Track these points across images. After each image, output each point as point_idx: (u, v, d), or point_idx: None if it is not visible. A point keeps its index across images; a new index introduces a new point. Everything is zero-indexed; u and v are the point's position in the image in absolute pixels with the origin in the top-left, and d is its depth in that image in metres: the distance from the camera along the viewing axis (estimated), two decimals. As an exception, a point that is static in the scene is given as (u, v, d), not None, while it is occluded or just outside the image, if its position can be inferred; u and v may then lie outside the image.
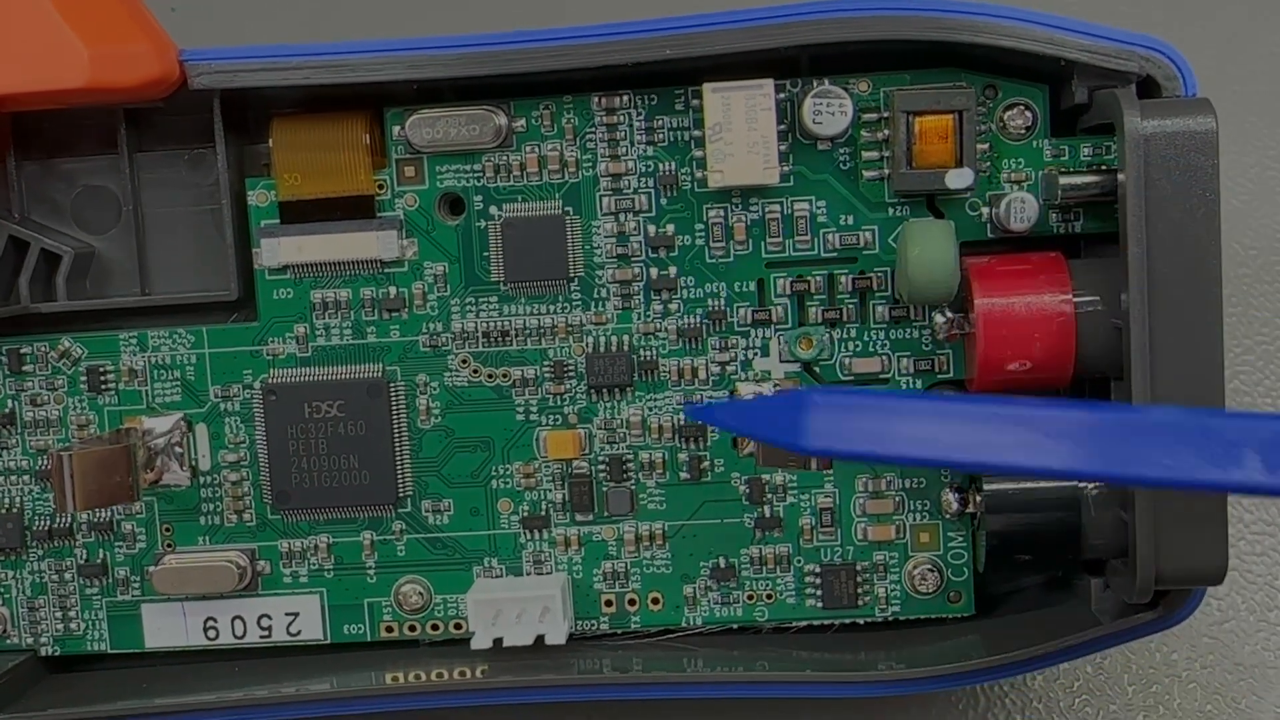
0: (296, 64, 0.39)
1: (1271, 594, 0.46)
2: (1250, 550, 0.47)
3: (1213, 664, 0.45)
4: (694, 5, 0.40)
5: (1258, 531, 0.47)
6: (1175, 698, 0.45)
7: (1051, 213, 0.39)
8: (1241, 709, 0.45)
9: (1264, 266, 0.49)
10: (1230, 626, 0.46)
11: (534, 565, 0.42)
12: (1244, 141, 0.49)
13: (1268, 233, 0.49)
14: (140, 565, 0.42)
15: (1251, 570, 0.46)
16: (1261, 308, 0.49)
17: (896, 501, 0.41)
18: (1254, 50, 0.50)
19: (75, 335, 0.42)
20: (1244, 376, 0.48)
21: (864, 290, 0.40)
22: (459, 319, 0.41)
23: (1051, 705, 0.45)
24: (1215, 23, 0.51)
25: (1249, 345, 0.48)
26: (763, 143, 0.39)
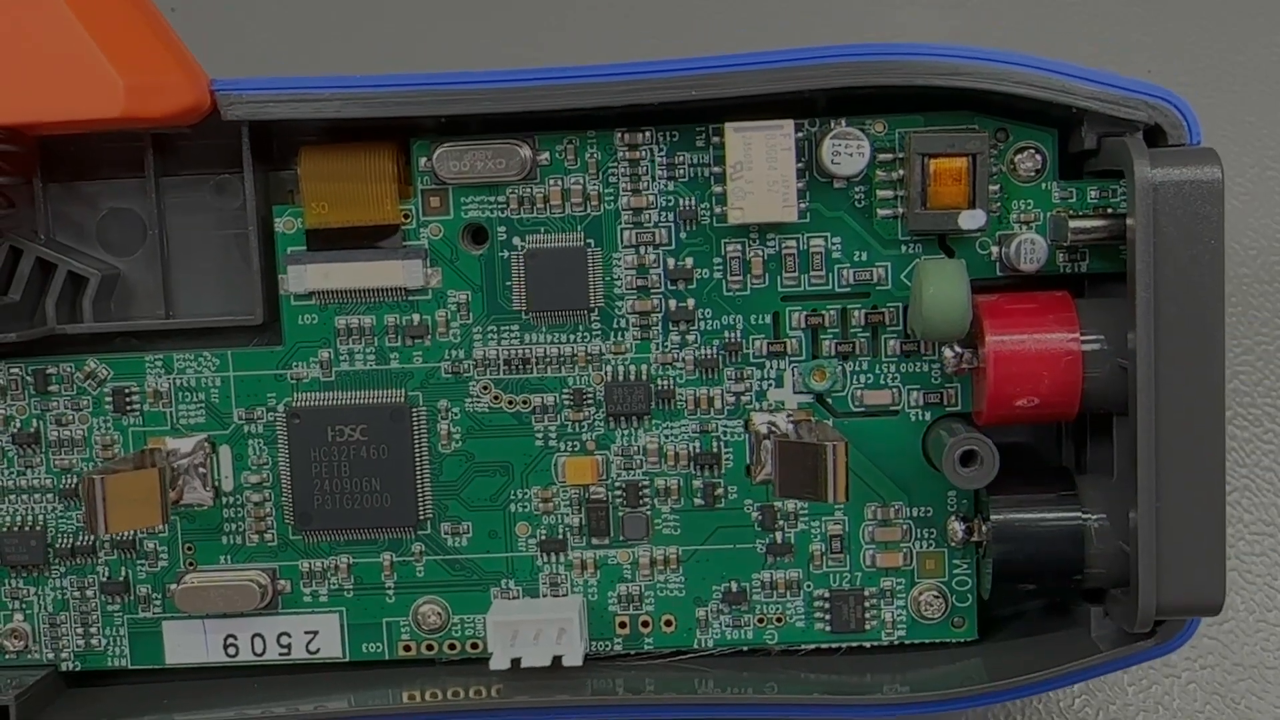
0: (328, 96, 0.40)
1: (1271, 594, 0.47)
2: (1250, 550, 0.47)
3: (1212, 664, 0.46)
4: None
5: (1257, 532, 0.48)
6: (1175, 698, 0.46)
7: (1059, 253, 0.41)
8: (1241, 709, 0.46)
9: (1264, 266, 0.49)
10: (1230, 626, 0.46)
11: (550, 587, 0.43)
12: (1244, 142, 0.50)
13: (1268, 233, 0.49)
14: (162, 583, 0.43)
15: (1251, 570, 0.47)
16: (1261, 308, 0.49)
17: (904, 529, 0.42)
18: (1254, 50, 0.51)
19: (101, 356, 0.42)
20: (1244, 376, 0.48)
21: (876, 324, 0.42)
22: (481, 346, 0.42)
23: (1051, 705, 0.46)
24: (1215, 23, 0.51)
25: (1249, 345, 0.49)
26: (782, 182, 0.40)
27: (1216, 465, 0.38)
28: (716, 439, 0.42)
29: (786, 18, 0.60)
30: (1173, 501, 0.38)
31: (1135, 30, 0.55)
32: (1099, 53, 0.58)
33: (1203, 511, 0.38)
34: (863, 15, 0.60)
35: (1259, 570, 0.47)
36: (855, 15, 0.60)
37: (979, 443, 0.39)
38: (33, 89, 0.38)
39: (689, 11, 0.61)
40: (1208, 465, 0.38)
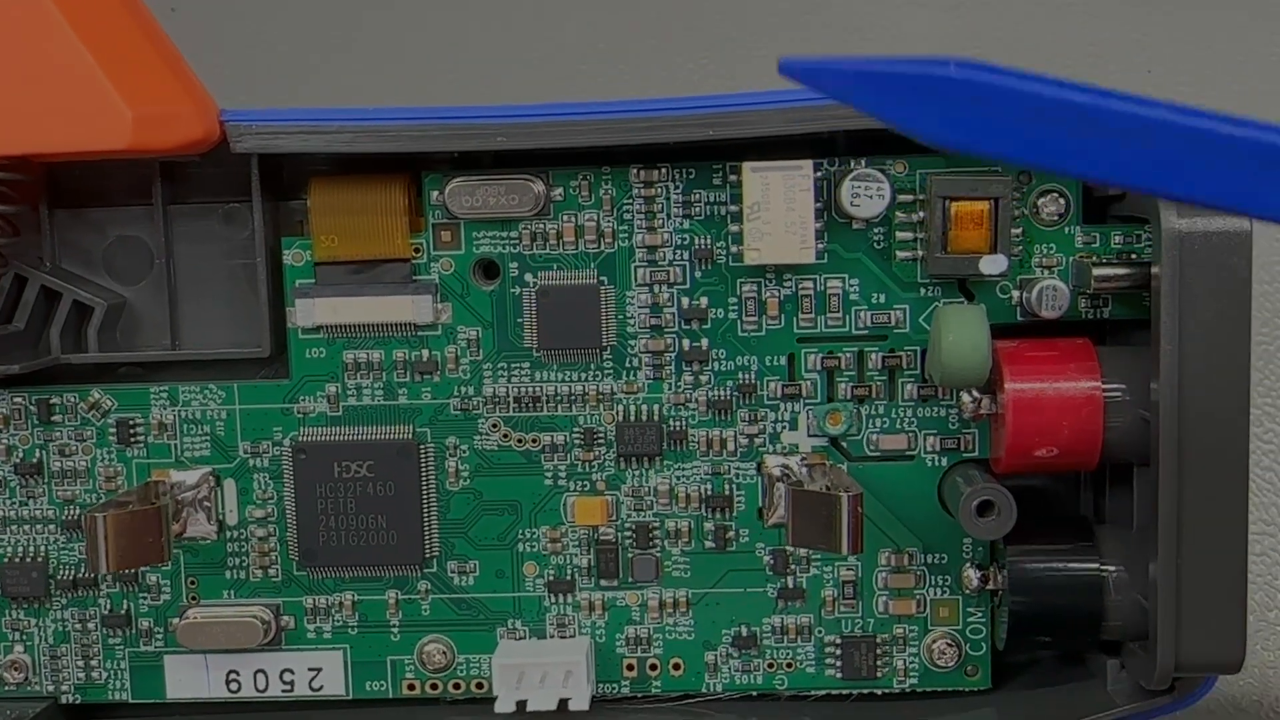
0: (339, 129, 0.39)
1: (1271, 594, 0.46)
2: (1250, 550, 0.47)
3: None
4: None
5: (1258, 532, 0.47)
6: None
7: (1081, 298, 0.40)
8: (1242, 708, 0.45)
9: (1264, 266, 0.49)
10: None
11: (558, 628, 0.42)
12: None
13: (1268, 233, 0.49)
14: (164, 617, 0.42)
15: (1251, 570, 0.46)
16: (1261, 308, 0.48)
17: (918, 576, 0.42)
18: (1254, 51, 0.50)
19: (105, 387, 0.42)
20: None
21: (893, 368, 0.41)
22: (491, 383, 0.41)
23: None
24: (1215, 23, 0.51)
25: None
26: (800, 223, 0.39)
27: (1239, 520, 0.37)
28: (729, 481, 0.41)
29: (786, 18, 0.60)
30: (1193, 556, 0.37)
31: (1135, 30, 0.55)
32: (1099, 53, 0.57)
33: (1224, 567, 0.37)
34: (863, 15, 0.60)
35: (1259, 570, 0.47)
36: (855, 16, 0.60)
37: (996, 493, 0.38)
38: (39, 119, 0.37)
39: (688, 11, 0.60)
40: (1230, 520, 0.37)
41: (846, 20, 0.60)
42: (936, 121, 0.26)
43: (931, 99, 0.26)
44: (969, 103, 0.25)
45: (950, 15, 0.59)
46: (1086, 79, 0.38)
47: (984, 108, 0.25)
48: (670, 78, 0.60)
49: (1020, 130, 0.25)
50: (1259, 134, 0.26)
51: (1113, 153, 0.26)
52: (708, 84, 0.60)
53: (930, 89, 0.26)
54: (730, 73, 0.60)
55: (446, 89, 0.60)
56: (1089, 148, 0.26)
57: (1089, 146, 0.26)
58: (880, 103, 0.26)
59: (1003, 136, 0.25)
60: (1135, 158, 0.26)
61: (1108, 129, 0.26)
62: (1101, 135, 0.26)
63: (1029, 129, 0.25)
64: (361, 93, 0.61)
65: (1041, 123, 0.25)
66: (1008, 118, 0.25)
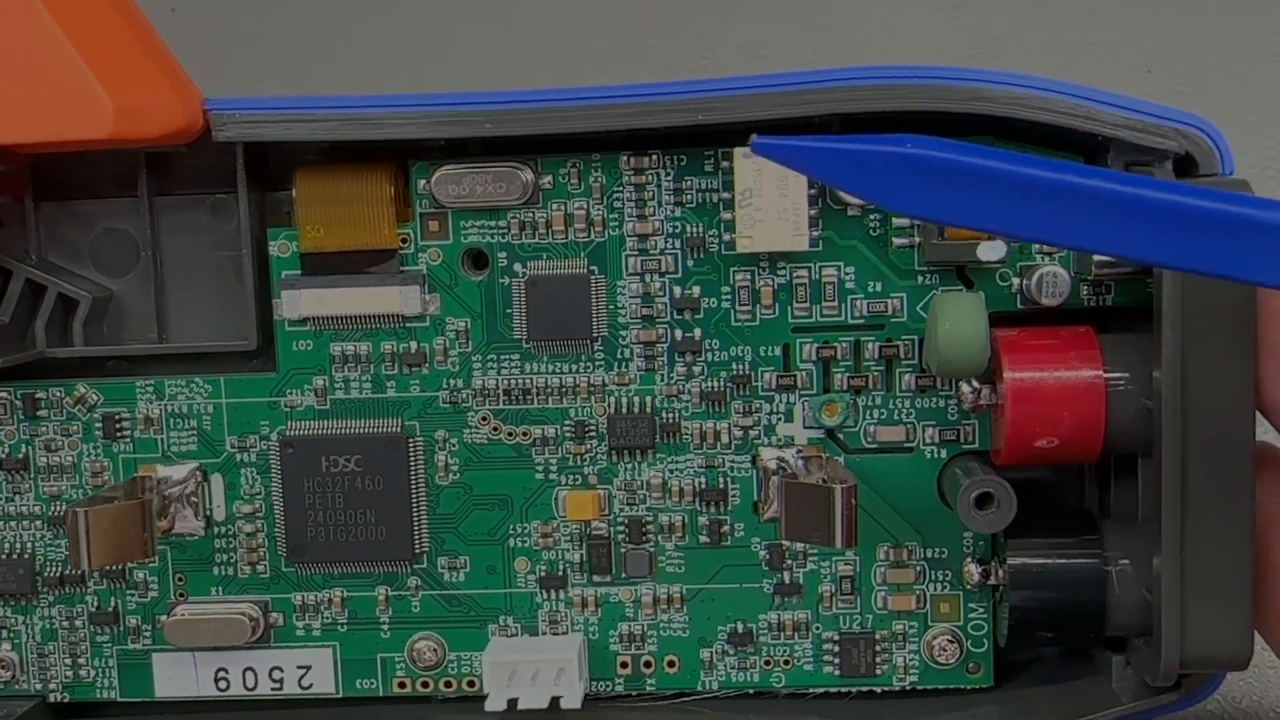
0: (322, 117, 0.39)
1: None
2: None
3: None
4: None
5: None
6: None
7: (1083, 285, 0.39)
8: (1242, 709, 0.44)
9: None
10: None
11: (550, 625, 0.41)
12: (1244, 141, 0.49)
13: None
14: (152, 614, 0.42)
15: None
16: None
17: (917, 571, 0.41)
18: (1254, 52, 0.50)
19: (91, 381, 0.41)
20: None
21: (890, 358, 0.40)
22: (480, 376, 0.41)
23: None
24: (1215, 23, 0.50)
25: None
26: (793, 209, 0.38)
27: (1245, 512, 0.36)
28: (723, 474, 0.41)
29: (787, 18, 0.59)
30: (1198, 549, 0.36)
31: (1135, 30, 0.55)
32: (1099, 53, 0.56)
33: (1230, 560, 0.36)
34: (863, 15, 0.59)
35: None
36: (855, 15, 0.59)
37: (995, 485, 0.37)
38: (18, 109, 0.37)
39: (688, 11, 0.60)
40: (1236, 511, 0.36)
41: (847, 20, 0.60)
42: (899, 194, 0.29)
43: (893, 175, 0.29)
44: (926, 177, 0.29)
45: (950, 15, 0.59)
46: (1086, 79, 0.38)
47: (939, 181, 0.29)
48: (669, 77, 0.60)
49: (971, 200, 0.29)
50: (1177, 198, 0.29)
51: (1057, 218, 0.29)
52: None
53: (891, 166, 0.29)
54: (731, 71, 0.59)
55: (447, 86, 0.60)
56: (1030, 213, 0.29)
57: (1030, 211, 0.29)
58: (847, 179, 0.30)
59: (957, 206, 0.29)
60: (1078, 223, 0.29)
61: (1046, 196, 0.29)
62: (1043, 201, 0.29)
63: (978, 199, 0.29)
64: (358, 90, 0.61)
65: (988, 193, 0.29)
66: (960, 190, 0.29)
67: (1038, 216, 0.29)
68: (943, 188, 0.29)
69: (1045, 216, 0.29)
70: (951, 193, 0.29)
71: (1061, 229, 0.29)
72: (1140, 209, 0.29)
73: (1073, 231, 0.29)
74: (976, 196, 0.29)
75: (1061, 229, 0.29)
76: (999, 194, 0.29)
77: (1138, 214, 0.29)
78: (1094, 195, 0.29)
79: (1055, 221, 0.29)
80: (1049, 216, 0.29)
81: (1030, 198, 0.29)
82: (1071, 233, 0.29)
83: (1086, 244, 0.30)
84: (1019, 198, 0.29)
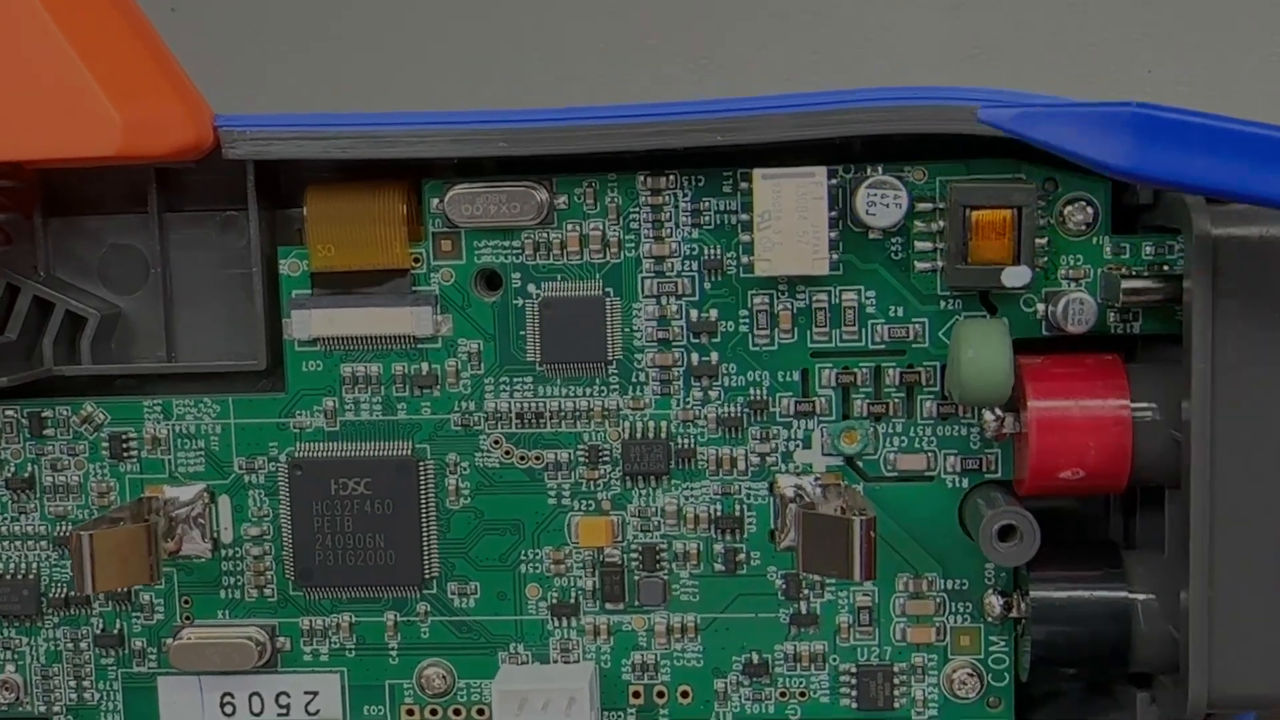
0: (334, 134, 0.38)
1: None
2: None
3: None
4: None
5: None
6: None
7: (1110, 312, 0.38)
8: None
9: None
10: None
11: (561, 653, 0.41)
12: None
13: None
14: (158, 637, 0.41)
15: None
16: None
17: (938, 602, 0.40)
18: (1254, 51, 0.49)
19: (99, 400, 0.41)
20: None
21: (911, 384, 0.39)
22: (492, 398, 0.40)
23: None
24: (1215, 23, 0.50)
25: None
26: (813, 232, 0.37)
27: (1275, 546, 0.35)
28: (739, 502, 0.40)
29: (788, 18, 0.59)
30: (1228, 585, 0.35)
31: (1135, 30, 0.54)
32: (1099, 52, 0.56)
33: (1260, 597, 0.35)
34: (863, 14, 0.59)
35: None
36: (856, 15, 0.59)
37: (1018, 517, 0.36)
38: (28, 125, 0.36)
39: (689, 10, 0.59)
40: (1267, 546, 0.35)
41: (847, 20, 0.59)
42: (1124, 152, 0.31)
43: (1119, 131, 0.31)
44: (1156, 134, 0.30)
45: (950, 15, 0.59)
46: (1086, 79, 0.37)
47: (1169, 138, 0.31)
48: (670, 77, 0.60)
49: (1199, 156, 0.31)
50: None
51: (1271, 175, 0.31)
52: (708, 82, 0.59)
53: (1117, 123, 0.31)
54: (731, 72, 0.59)
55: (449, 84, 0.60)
56: (1258, 168, 0.31)
57: (1258, 167, 0.31)
58: (1080, 140, 0.32)
59: (1185, 163, 0.31)
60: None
61: (1267, 153, 0.31)
62: (1261, 158, 0.31)
63: (1207, 156, 0.31)
64: (360, 90, 0.60)
65: (1217, 149, 0.30)
66: (1189, 147, 0.31)
67: (1267, 172, 0.30)
68: (1173, 145, 0.30)
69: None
70: (1181, 149, 0.30)
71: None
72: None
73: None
74: (1206, 153, 0.30)
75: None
76: (1230, 150, 0.30)
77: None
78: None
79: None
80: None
81: (1259, 155, 0.30)
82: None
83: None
84: (1249, 154, 0.30)
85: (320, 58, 0.62)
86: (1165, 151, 0.30)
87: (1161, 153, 0.30)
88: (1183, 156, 0.30)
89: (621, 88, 0.60)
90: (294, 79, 0.62)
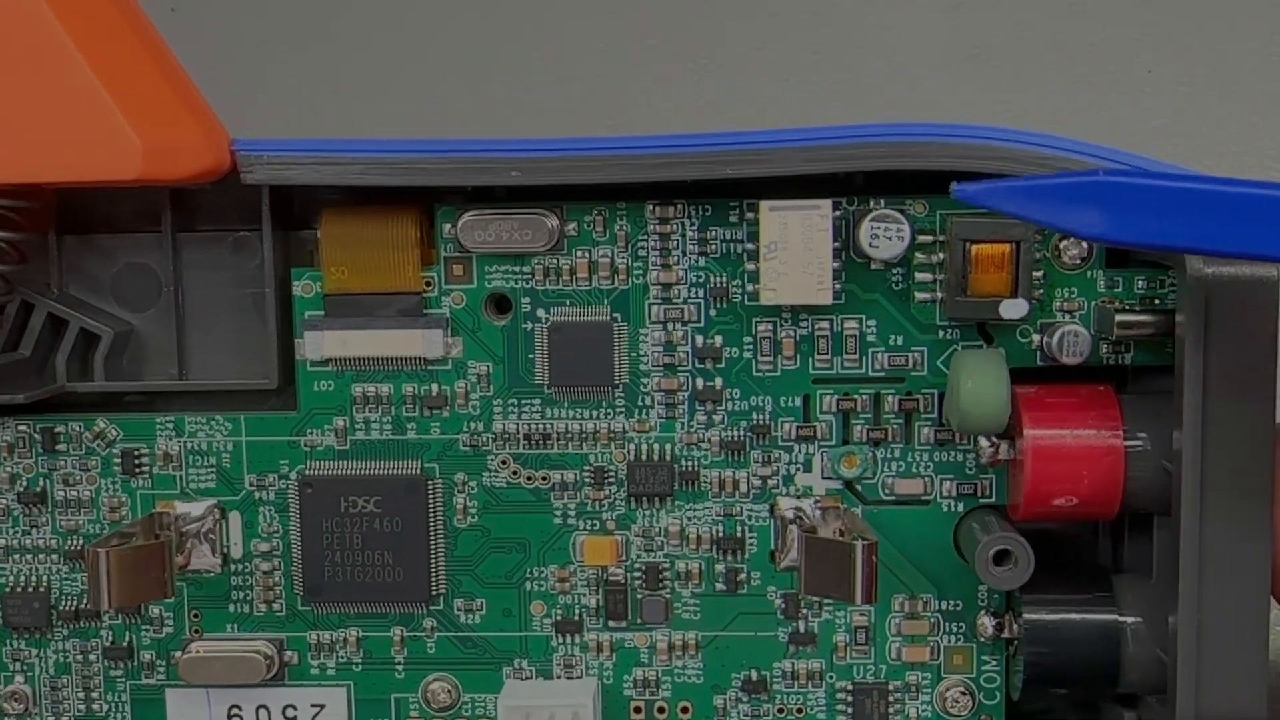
0: (350, 160, 0.39)
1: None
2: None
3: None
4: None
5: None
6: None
7: (1103, 344, 0.39)
8: None
9: None
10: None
11: (565, 669, 0.41)
12: (1244, 141, 0.49)
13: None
14: (166, 650, 0.42)
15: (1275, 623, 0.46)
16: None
17: (932, 623, 0.41)
18: (1254, 50, 0.50)
19: (111, 416, 0.41)
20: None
21: (910, 411, 0.40)
22: (501, 420, 0.41)
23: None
24: (1215, 23, 0.50)
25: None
26: (817, 263, 0.38)
27: (1261, 573, 0.37)
28: (740, 523, 0.41)
29: (787, 18, 0.59)
30: (1215, 610, 0.37)
31: (1135, 30, 0.54)
32: (1099, 52, 0.56)
33: (1246, 621, 0.37)
34: (862, 15, 0.59)
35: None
36: (856, 15, 0.59)
37: (1014, 542, 0.38)
38: (50, 148, 0.37)
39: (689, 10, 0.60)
40: (1253, 573, 0.37)
41: (847, 20, 0.59)
42: (1096, 221, 0.32)
43: (1089, 203, 0.31)
44: (1119, 202, 0.31)
45: (950, 15, 0.59)
46: (1086, 79, 0.38)
47: (1140, 205, 0.31)
48: (670, 77, 0.60)
49: (1170, 220, 0.31)
50: None
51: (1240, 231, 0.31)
52: (708, 82, 0.60)
53: (1086, 195, 0.31)
54: (731, 72, 0.59)
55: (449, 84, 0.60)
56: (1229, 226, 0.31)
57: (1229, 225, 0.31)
58: (1051, 213, 0.32)
59: (1155, 226, 0.31)
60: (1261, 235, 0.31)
61: (1234, 211, 0.31)
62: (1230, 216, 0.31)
63: (1179, 219, 0.31)
64: (360, 90, 0.60)
65: (1188, 211, 0.31)
66: (1152, 211, 0.31)
67: (1236, 229, 0.31)
68: (1143, 211, 0.31)
69: (1245, 228, 0.31)
70: (1151, 215, 0.31)
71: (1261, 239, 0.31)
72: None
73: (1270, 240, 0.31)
74: (1178, 216, 0.31)
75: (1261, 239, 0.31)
76: (1198, 211, 0.31)
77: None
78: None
79: (1256, 232, 0.31)
80: (1248, 228, 0.31)
81: (1227, 213, 0.31)
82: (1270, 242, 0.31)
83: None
84: (1219, 213, 0.31)
85: (320, 58, 0.62)
86: (1137, 218, 0.31)
87: (1134, 219, 0.31)
88: (1155, 221, 0.31)
89: (621, 88, 0.60)
90: (294, 79, 0.62)
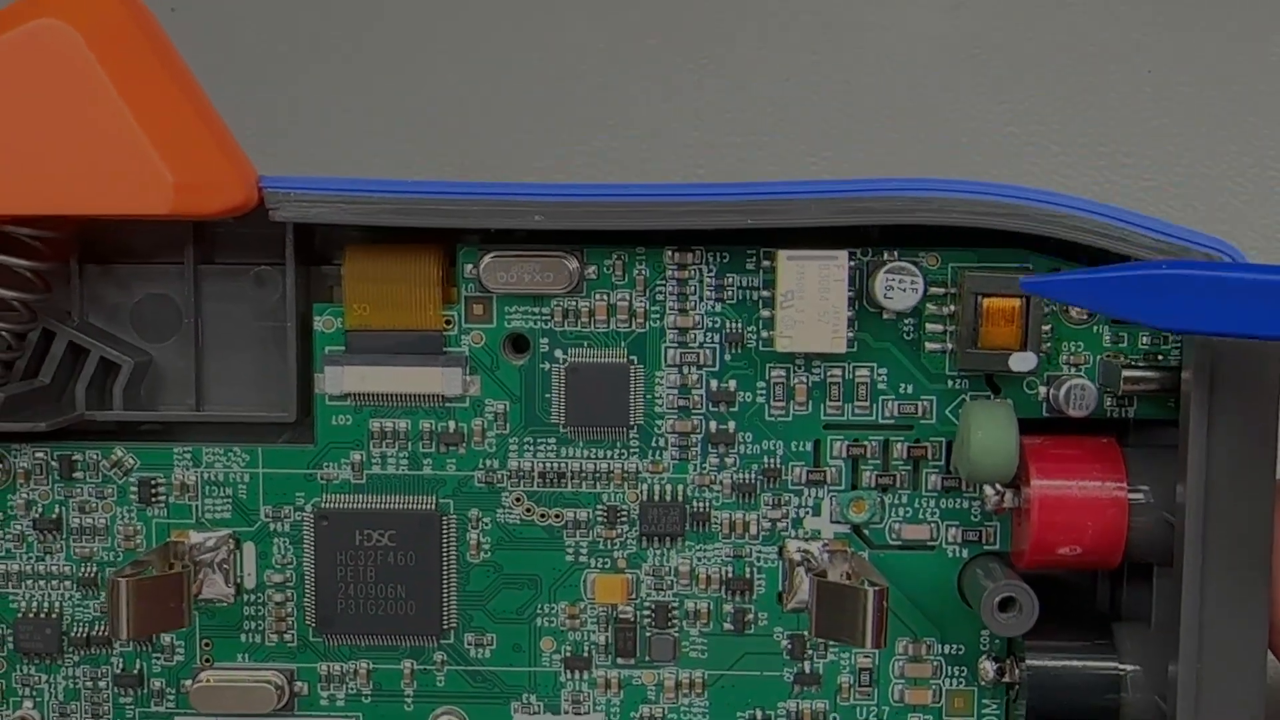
0: (376, 200, 0.39)
1: None
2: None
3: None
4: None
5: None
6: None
7: (1107, 397, 0.40)
8: None
9: None
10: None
11: (573, 705, 0.42)
12: (1244, 141, 0.50)
13: (1267, 233, 0.49)
14: (177, 678, 0.42)
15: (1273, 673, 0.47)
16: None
17: (935, 666, 0.42)
18: (1254, 50, 0.50)
19: (129, 445, 0.42)
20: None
21: (918, 458, 0.41)
22: (516, 458, 0.41)
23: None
24: (1215, 23, 0.51)
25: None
26: (833, 313, 0.39)
27: (1259, 625, 0.38)
28: (749, 564, 0.41)
29: (786, 18, 0.59)
30: (1215, 661, 0.38)
31: (1135, 30, 0.55)
32: (1099, 52, 0.57)
33: (1244, 672, 0.38)
34: (862, 15, 0.59)
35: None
36: (856, 15, 0.59)
37: (1019, 590, 0.38)
38: (82, 181, 0.37)
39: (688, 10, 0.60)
40: (1251, 625, 0.38)
41: (847, 21, 0.60)
42: (1159, 311, 0.34)
43: (1167, 294, 0.33)
44: (1180, 292, 0.33)
45: (950, 15, 0.59)
46: (1086, 79, 0.38)
47: (1208, 294, 0.33)
48: (670, 77, 0.60)
49: (1234, 307, 0.33)
50: None
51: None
52: (708, 82, 0.60)
53: (1148, 286, 0.33)
54: (731, 72, 0.60)
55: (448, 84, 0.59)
56: None
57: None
58: (1122, 304, 0.34)
59: (1222, 314, 0.33)
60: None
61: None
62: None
63: (1243, 306, 0.33)
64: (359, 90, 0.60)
65: (1241, 300, 0.33)
66: (1225, 299, 0.33)
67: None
68: (1210, 299, 0.33)
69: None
70: (1218, 302, 0.33)
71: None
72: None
73: None
74: (1241, 304, 0.33)
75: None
76: (1265, 300, 0.33)
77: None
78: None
79: None
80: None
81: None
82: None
83: None
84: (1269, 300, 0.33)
85: (320, 58, 0.62)
86: (1205, 307, 0.33)
87: (1202, 309, 0.33)
88: (1221, 308, 0.33)
89: (621, 88, 0.60)
90: (294, 79, 0.62)
